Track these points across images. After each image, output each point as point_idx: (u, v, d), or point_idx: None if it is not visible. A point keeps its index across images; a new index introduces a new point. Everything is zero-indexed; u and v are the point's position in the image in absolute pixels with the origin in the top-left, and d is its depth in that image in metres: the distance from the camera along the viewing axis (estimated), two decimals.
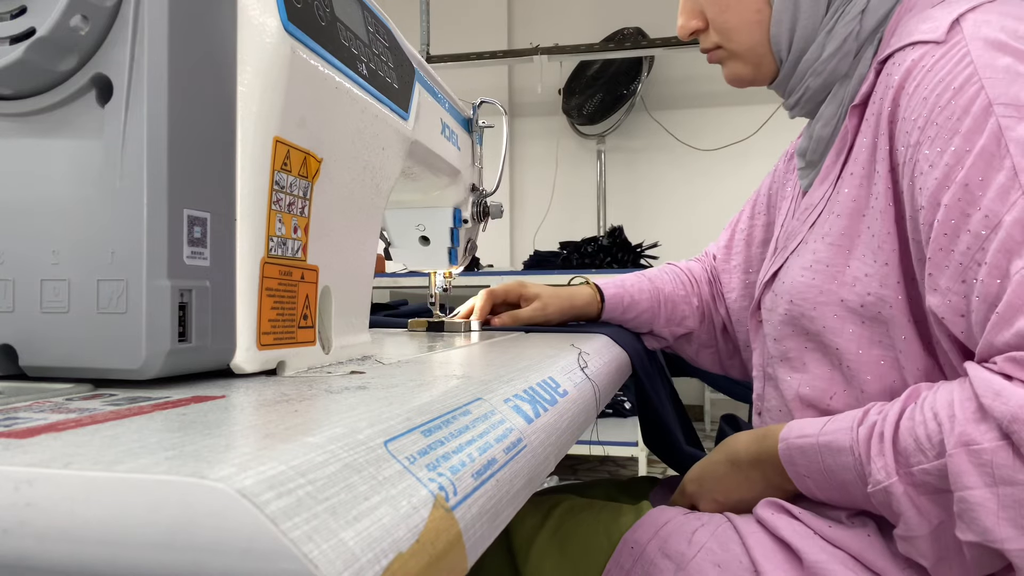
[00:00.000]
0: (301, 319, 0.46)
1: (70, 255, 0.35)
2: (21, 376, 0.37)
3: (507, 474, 0.31)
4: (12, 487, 0.19)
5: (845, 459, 0.55)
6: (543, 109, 3.94)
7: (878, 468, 0.52)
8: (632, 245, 2.97)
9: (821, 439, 0.58)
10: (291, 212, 0.44)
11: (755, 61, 0.72)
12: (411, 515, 0.23)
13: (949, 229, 0.52)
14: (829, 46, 0.67)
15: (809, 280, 0.66)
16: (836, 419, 0.58)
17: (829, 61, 0.68)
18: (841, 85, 0.69)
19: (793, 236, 0.72)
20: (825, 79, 0.69)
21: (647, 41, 3.43)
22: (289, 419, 0.28)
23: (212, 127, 0.38)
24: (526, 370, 0.47)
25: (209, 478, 0.19)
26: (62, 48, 0.34)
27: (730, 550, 0.63)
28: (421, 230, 0.88)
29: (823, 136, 0.71)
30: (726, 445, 0.71)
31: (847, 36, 0.66)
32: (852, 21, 0.66)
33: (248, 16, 0.40)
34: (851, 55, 0.67)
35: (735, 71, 0.75)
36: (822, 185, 0.69)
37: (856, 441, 0.54)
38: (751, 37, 0.71)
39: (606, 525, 0.72)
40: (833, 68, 0.68)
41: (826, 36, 0.67)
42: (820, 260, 0.65)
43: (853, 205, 0.64)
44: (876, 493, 0.52)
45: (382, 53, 0.56)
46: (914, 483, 0.50)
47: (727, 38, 0.72)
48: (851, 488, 0.56)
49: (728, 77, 0.76)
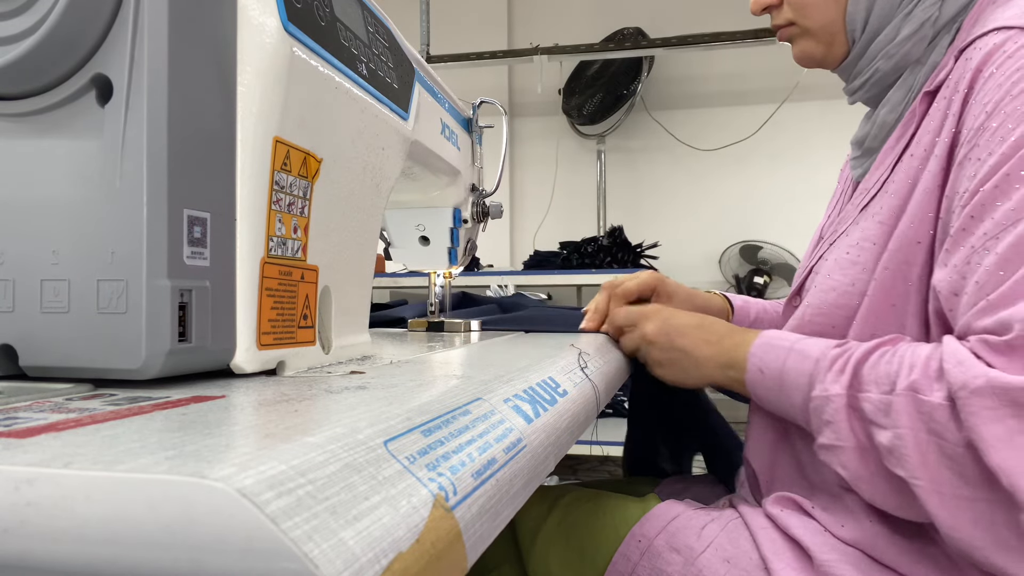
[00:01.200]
0: (301, 319, 0.46)
1: (70, 255, 0.35)
2: (21, 376, 0.37)
3: (507, 474, 0.31)
4: (12, 487, 0.19)
5: (806, 365, 0.60)
6: (543, 109, 3.94)
7: (832, 380, 0.56)
8: (632, 245, 2.97)
9: (796, 345, 0.63)
10: (291, 212, 0.44)
11: (828, 40, 0.71)
12: (411, 515, 0.23)
13: (976, 212, 0.52)
14: (905, 29, 0.66)
15: (854, 258, 0.65)
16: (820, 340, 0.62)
17: (904, 44, 0.66)
18: (912, 71, 0.67)
19: (845, 220, 0.70)
20: (897, 62, 0.67)
21: (647, 41, 3.43)
22: (289, 419, 0.28)
23: (212, 127, 0.38)
24: (526, 370, 0.47)
25: (209, 478, 0.19)
26: (62, 48, 0.34)
27: (740, 546, 0.63)
28: (421, 230, 0.88)
29: (887, 122, 0.69)
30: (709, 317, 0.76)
31: (925, 21, 0.65)
32: (932, 6, 0.65)
33: (248, 16, 0.40)
34: (926, 40, 0.66)
35: (806, 49, 0.73)
36: (878, 170, 0.67)
37: (824, 354, 0.59)
38: (826, 15, 0.70)
39: (612, 516, 0.72)
40: (906, 52, 0.66)
41: (903, 19, 0.66)
42: (868, 238, 0.64)
43: (908, 185, 0.62)
44: (817, 398, 0.57)
45: (382, 53, 0.56)
46: (855, 405, 0.55)
47: (802, 14, 0.71)
48: (792, 391, 0.61)
49: (798, 55, 0.75)
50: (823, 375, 0.58)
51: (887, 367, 0.54)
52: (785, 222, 3.38)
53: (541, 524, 0.73)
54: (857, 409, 0.55)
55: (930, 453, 0.49)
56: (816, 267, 0.72)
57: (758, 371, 0.65)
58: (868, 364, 0.55)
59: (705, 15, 3.37)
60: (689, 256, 3.71)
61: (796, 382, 0.61)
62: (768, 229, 3.48)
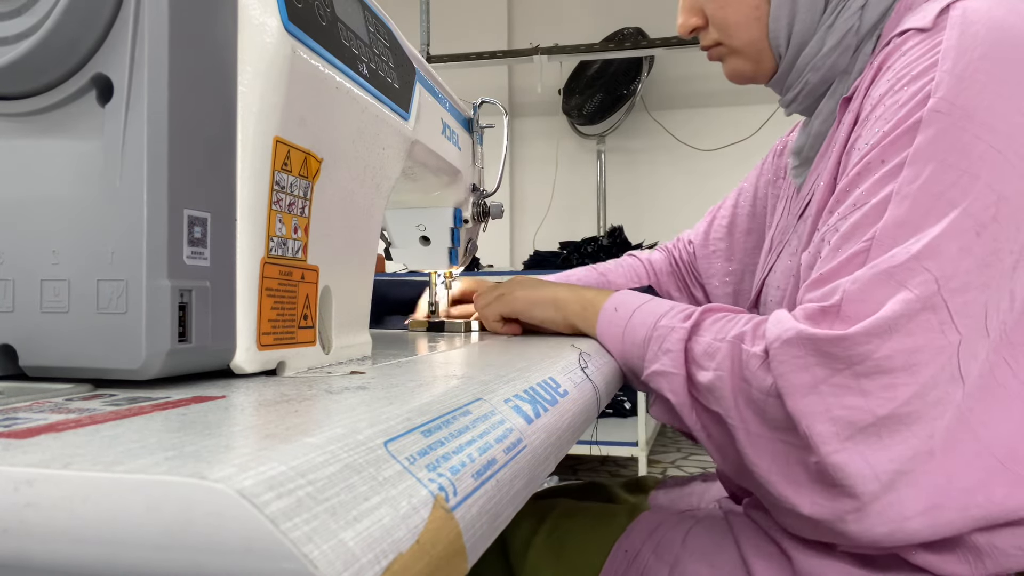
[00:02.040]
0: (301, 319, 0.46)
1: (70, 255, 0.35)
2: (21, 376, 0.37)
3: (507, 474, 0.31)
4: (12, 487, 0.19)
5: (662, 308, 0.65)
6: (543, 109, 3.94)
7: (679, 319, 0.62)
8: (632, 245, 2.97)
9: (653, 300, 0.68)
10: (291, 212, 0.44)
11: (755, 57, 0.73)
12: (411, 515, 0.23)
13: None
14: (829, 41, 0.67)
15: (794, 265, 0.68)
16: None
17: (829, 56, 0.68)
18: (840, 81, 0.69)
19: (786, 231, 0.73)
20: (824, 74, 0.69)
21: (647, 41, 3.43)
22: (289, 419, 0.28)
23: (212, 127, 0.38)
24: (526, 370, 0.47)
25: (209, 478, 0.19)
26: (62, 48, 0.34)
27: (724, 548, 0.63)
28: (421, 230, 0.88)
29: (821, 131, 0.71)
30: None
31: (847, 31, 0.67)
32: (852, 16, 0.66)
33: (248, 16, 0.40)
34: (851, 50, 0.67)
35: (735, 67, 0.75)
36: (811, 177, 0.70)
37: (672, 309, 0.64)
38: (750, 33, 0.71)
39: (600, 529, 0.72)
40: (833, 63, 0.68)
41: (826, 31, 0.68)
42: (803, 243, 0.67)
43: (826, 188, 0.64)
44: (663, 327, 0.62)
45: (383, 53, 0.56)
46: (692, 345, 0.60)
47: (727, 34, 0.73)
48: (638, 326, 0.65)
49: (728, 73, 0.77)
50: (672, 315, 0.63)
51: (725, 323, 0.59)
52: None
53: (531, 538, 0.73)
54: (690, 348, 0.60)
55: (740, 395, 0.55)
56: (767, 279, 0.74)
57: (612, 309, 0.69)
58: (711, 319, 0.60)
59: None
60: None
61: (644, 320, 0.65)
62: None
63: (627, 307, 0.68)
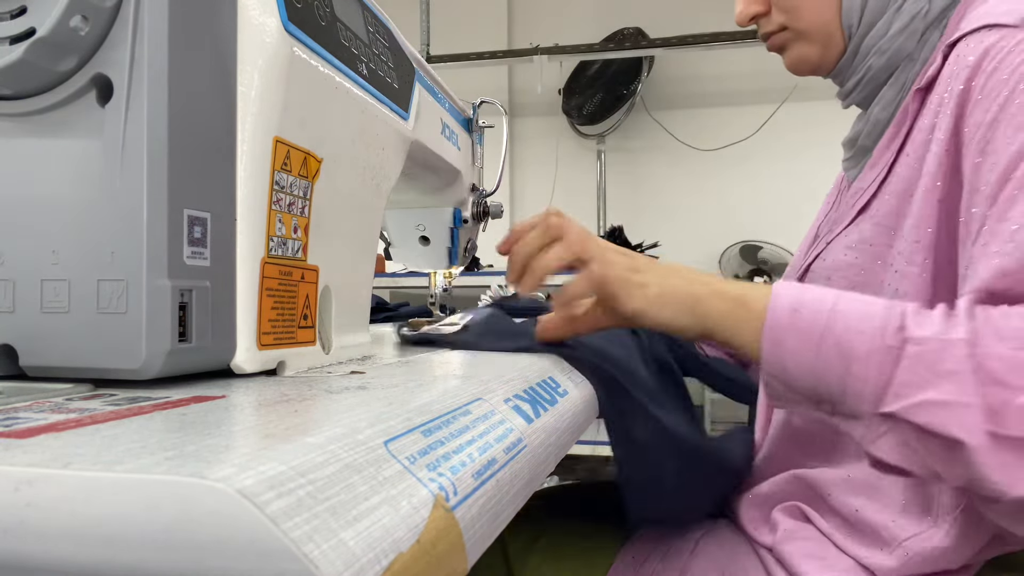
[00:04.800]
0: (301, 319, 0.46)
1: (70, 255, 0.35)
2: (21, 376, 0.37)
3: (507, 474, 0.31)
4: (12, 487, 0.19)
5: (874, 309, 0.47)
6: (543, 109, 3.94)
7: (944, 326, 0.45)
8: (632, 245, 2.97)
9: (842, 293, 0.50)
10: (291, 212, 0.44)
11: (823, 40, 0.70)
12: (411, 515, 0.23)
13: (1010, 201, 0.50)
14: (896, 23, 0.66)
15: (852, 259, 0.64)
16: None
17: (896, 39, 0.66)
18: (904, 68, 0.67)
19: (839, 221, 0.69)
20: (889, 58, 0.67)
21: (647, 41, 3.43)
22: (289, 419, 0.28)
23: (212, 127, 0.38)
24: (526, 370, 0.47)
25: (209, 478, 0.19)
26: (62, 48, 0.34)
27: (736, 559, 0.63)
28: (421, 230, 0.88)
29: (881, 119, 0.68)
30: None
31: (915, 14, 0.65)
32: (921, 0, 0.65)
33: (248, 16, 0.40)
34: (917, 34, 0.66)
35: (801, 53, 0.72)
36: (873, 169, 0.67)
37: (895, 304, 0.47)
38: (820, 14, 0.68)
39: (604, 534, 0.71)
40: (898, 47, 0.66)
41: (894, 13, 0.66)
42: (865, 240, 0.64)
43: (903, 185, 0.62)
44: (930, 340, 0.45)
45: (382, 53, 0.56)
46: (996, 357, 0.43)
47: (795, 16, 0.70)
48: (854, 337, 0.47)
49: (791, 62, 0.73)
50: (922, 319, 0.46)
51: (1008, 319, 0.45)
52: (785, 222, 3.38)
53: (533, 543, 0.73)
54: (983, 367, 0.43)
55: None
56: (813, 266, 0.71)
57: (790, 310, 0.49)
58: (980, 318, 0.45)
59: (705, 15, 3.36)
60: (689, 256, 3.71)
61: (859, 326, 0.47)
62: (768, 229, 3.48)
63: (813, 308, 0.49)
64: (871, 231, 0.64)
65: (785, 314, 0.49)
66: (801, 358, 0.48)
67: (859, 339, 0.46)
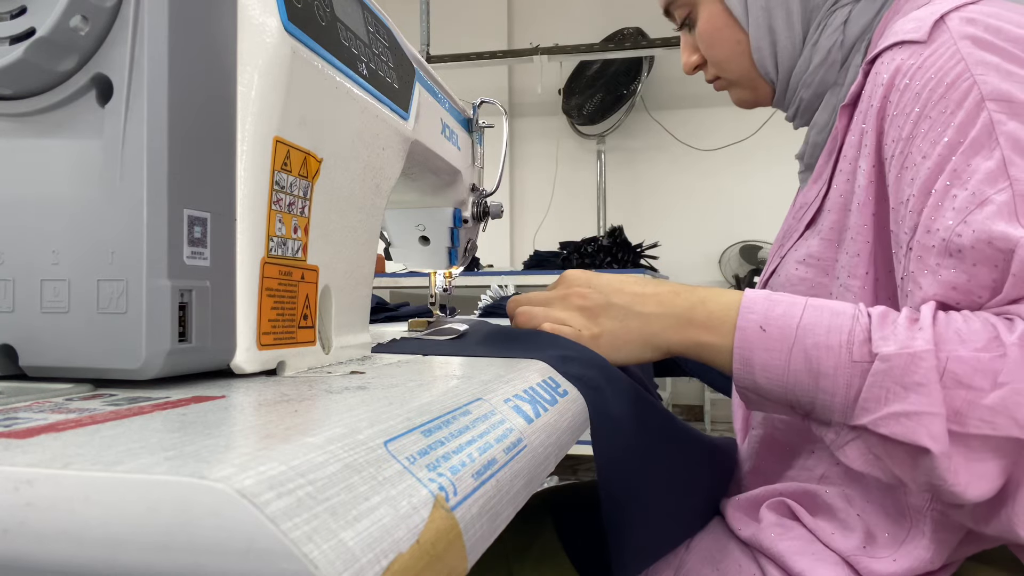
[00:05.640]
0: (301, 319, 0.46)
1: (70, 255, 0.35)
2: (21, 376, 0.37)
3: (507, 474, 0.31)
4: (12, 487, 0.19)
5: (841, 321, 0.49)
6: (543, 109, 3.94)
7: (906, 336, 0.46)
8: (632, 245, 2.97)
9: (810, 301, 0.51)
10: (291, 212, 0.44)
11: (751, 86, 0.77)
12: (411, 515, 0.23)
13: (935, 214, 0.52)
14: (815, 58, 0.71)
15: (803, 274, 0.67)
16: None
17: (817, 72, 0.71)
18: (832, 93, 0.72)
19: (790, 235, 0.73)
20: (815, 89, 0.72)
21: (647, 41, 3.43)
22: (289, 419, 0.28)
23: (212, 127, 0.38)
24: (526, 370, 0.47)
25: (209, 478, 0.19)
26: (62, 48, 0.34)
27: (730, 554, 0.63)
28: (421, 230, 0.88)
29: (818, 142, 0.73)
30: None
31: (831, 47, 0.70)
32: (835, 32, 0.69)
33: (248, 16, 0.40)
34: (838, 64, 0.70)
35: (739, 96, 0.80)
36: (816, 184, 0.70)
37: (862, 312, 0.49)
38: (740, 66, 0.76)
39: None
40: (821, 78, 0.71)
41: (812, 49, 0.71)
42: (813, 255, 0.67)
43: (841, 200, 0.65)
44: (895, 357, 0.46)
45: (382, 53, 0.56)
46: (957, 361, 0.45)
47: (722, 69, 0.78)
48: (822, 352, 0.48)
49: (735, 101, 0.82)
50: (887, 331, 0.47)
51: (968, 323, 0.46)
52: None
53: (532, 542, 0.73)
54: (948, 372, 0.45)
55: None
56: (770, 283, 0.74)
57: (758, 328, 0.51)
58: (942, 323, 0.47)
59: None
60: (689, 256, 3.71)
61: (827, 341, 0.48)
62: (768, 229, 3.48)
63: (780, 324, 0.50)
64: (818, 246, 0.67)
65: (754, 333, 0.51)
66: (771, 373, 0.51)
67: (827, 355, 0.48)
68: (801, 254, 0.68)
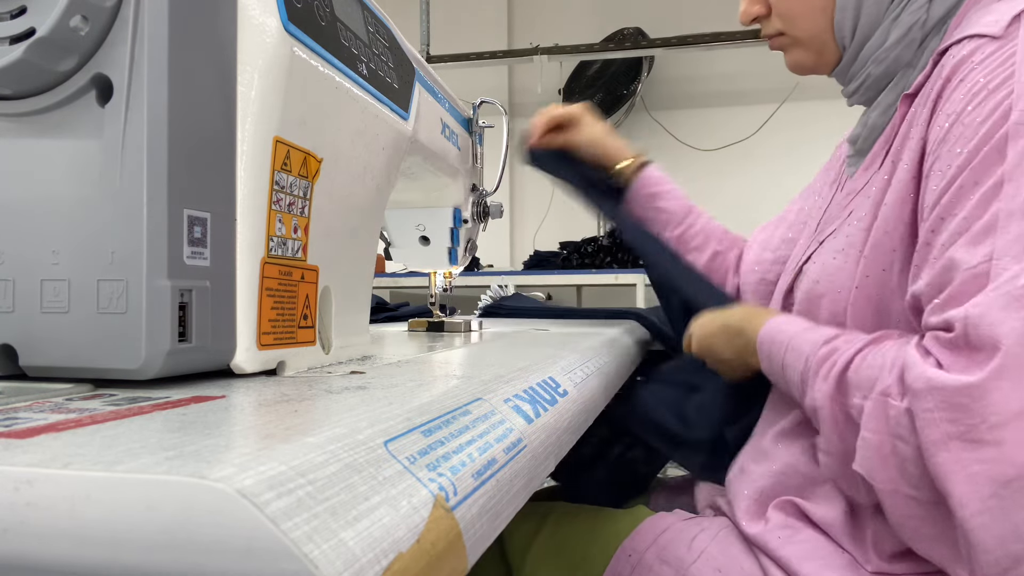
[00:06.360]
0: (301, 319, 0.46)
1: (70, 255, 0.35)
2: (21, 376, 0.37)
3: (507, 474, 0.31)
4: (12, 487, 0.19)
5: (798, 364, 0.62)
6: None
7: (818, 389, 0.58)
8: None
9: (792, 341, 0.63)
10: (291, 212, 0.44)
11: (818, 48, 0.71)
12: (411, 515, 0.23)
13: (936, 227, 0.53)
14: (894, 33, 0.66)
15: (840, 263, 0.65)
16: (816, 329, 0.63)
17: (893, 49, 0.67)
18: (903, 75, 0.67)
19: (832, 220, 0.71)
20: (887, 67, 0.68)
21: (647, 41, 3.43)
22: (289, 419, 0.28)
23: (212, 127, 0.38)
24: (526, 370, 0.47)
25: (209, 478, 0.19)
26: (62, 48, 0.34)
27: (731, 555, 0.63)
28: (421, 230, 0.88)
29: (877, 124, 0.69)
30: (726, 311, 0.77)
31: (912, 24, 0.65)
32: (919, 10, 0.65)
33: (248, 16, 0.40)
34: (915, 44, 0.66)
35: (797, 58, 0.74)
36: (866, 172, 0.68)
37: (813, 354, 0.60)
38: (815, 24, 0.70)
39: (602, 531, 0.71)
40: (896, 56, 0.67)
41: (891, 23, 0.66)
42: (852, 244, 0.65)
43: (883, 190, 0.63)
44: (809, 408, 0.60)
45: (382, 53, 0.56)
46: (841, 413, 0.57)
47: (790, 25, 0.72)
48: (792, 388, 0.63)
49: (790, 64, 0.75)
50: (812, 380, 0.59)
51: (868, 371, 0.55)
52: None
53: (531, 541, 0.73)
54: (842, 416, 0.56)
55: (890, 456, 0.51)
56: (804, 268, 0.72)
57: (767, 360, 0.68)
58: (852, 368, 0.56)
59: (705, 15, 3.36)
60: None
61: (793, 380, 0.62)
62: None
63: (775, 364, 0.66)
64: (857, 235, 0.65)
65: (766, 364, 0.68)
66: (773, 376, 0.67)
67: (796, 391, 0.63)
68: (840, 242, 0.66)
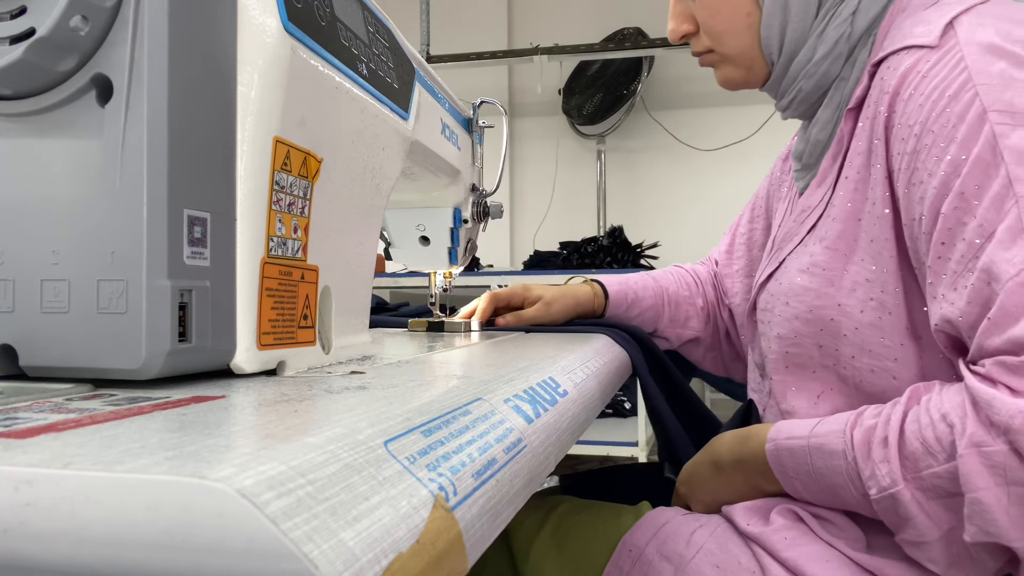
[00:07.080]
0: (301, 319, 0.46)
1: (70, 255, 0.35)
2: (21, 376, 0.37)
3: (507, 474, 0.31)
4: (12, 487, 0.19)
5: (837, 463, 0.56)
6: (543, 109, 3.94)
7: (883, 474, 0.52)
8: (632, 245, 2.97)
9: (812, 441, 0.58)
10: (291, 212, 0.44)
11: (746, 64, 0.72)
12: (411, 515, 0.23)
13: (946, 238, 0.53)
14: (820, 48, 0.67)
15: (807, 283, 0.66)
16: (826, 421, 0.58)
17: (821, 63, 0.68)
18: (837, 88, 0.68)
19: (790, 238, 0.72)
20: (817, 81, 0.69)
21: (647, 41, 3.43)
22: (289, 419, 0.28)
23: (212, 127, 0.38)
24: (526, 370, 0.47)
25: (209, 478, 0.19)
26: (62, 48, 0.34)
27: (729, 551, 0.63)
28: (421, 230, 0.88)
29: (820, 140, 0.71)
30: (710, 446, 0.71)
31: (838, 38, 0.66)
32: (843, 23, 0.66)
33: (248, 16, 0.40)
34: (843, 57, 0.67)
35: (727, 74, 0.75)
36: (819, 188, 0.68)
37: (849, 445, 0.55)
38: (741, 41, 0.71)
39: (605, 526, 0.72)
40: (825, 70, 0.68)
41: (817, 38, 0.67)
42: (817, 264, 0.65)
43: (849, 209, 0.63)
44: (882, 499, 0.52)
45: (382, 53, 0.56)
46: (923, 488, 0.50)
47: (718, 42, 0.72)
48: (842, 491, 0.56)
49: (720, 80, 0.76)
50: (866, 469, 0.53)
51: (932, 431, 0.50)
52: None
53: (535, 536, 0.73)
54: (928, 490, 0.50)
55: (1013, 505, 0.45)
56: (769, 287, 0.72)
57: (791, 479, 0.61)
58: (908, 437, 0.51)
59: None
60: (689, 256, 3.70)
61: (836, 481, 0.56)
62: None
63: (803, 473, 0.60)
64: (823, 255, 0.65)
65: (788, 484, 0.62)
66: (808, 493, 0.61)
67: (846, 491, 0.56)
68: (804, 262, 0.67)
